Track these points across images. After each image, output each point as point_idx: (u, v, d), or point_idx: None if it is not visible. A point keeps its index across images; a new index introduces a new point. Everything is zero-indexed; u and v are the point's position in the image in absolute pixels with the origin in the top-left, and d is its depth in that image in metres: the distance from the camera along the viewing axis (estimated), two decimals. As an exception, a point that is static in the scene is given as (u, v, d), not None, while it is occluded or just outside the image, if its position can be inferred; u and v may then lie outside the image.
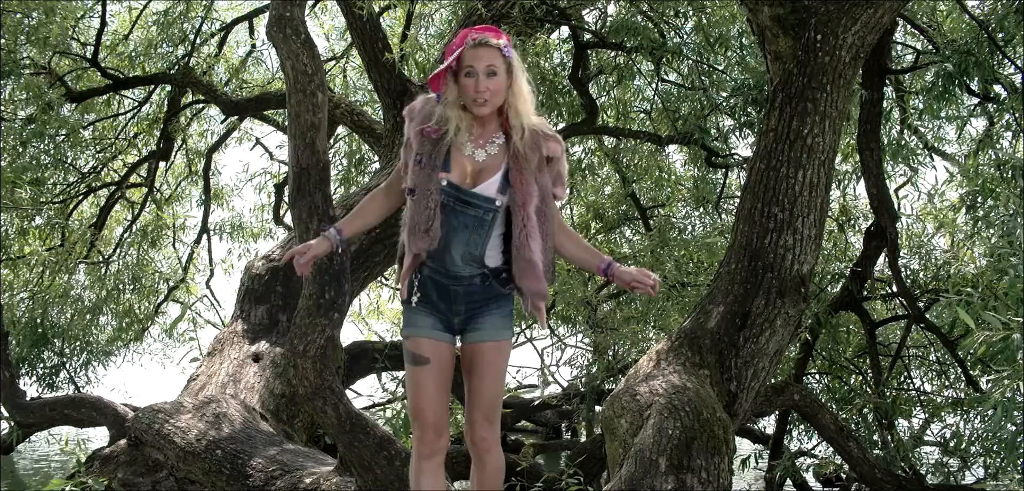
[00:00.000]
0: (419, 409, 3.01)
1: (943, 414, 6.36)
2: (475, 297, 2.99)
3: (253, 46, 10.36)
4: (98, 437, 8.45)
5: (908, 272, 6.49)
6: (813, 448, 7.04)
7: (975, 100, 6.49)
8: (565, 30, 7.28)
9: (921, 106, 6.86)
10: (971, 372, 6.04)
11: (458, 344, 3.09)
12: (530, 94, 2.98)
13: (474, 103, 2.90)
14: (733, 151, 7.63)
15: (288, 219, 9.81)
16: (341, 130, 9.66)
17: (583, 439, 8.90)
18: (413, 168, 2.96)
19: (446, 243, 2.94)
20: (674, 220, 8.29)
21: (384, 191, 3.19)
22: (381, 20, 7.30)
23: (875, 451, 5.84)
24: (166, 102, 9.88)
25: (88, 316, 9.92)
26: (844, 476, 6.94)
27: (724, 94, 7.10)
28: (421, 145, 2.96)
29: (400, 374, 8.64)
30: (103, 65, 8.92)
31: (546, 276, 3.00)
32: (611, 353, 7.71)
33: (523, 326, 8.33)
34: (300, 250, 3.03)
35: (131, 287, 10.37)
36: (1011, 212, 5.17)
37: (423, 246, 2.93)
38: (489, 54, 2.88)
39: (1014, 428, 3.91)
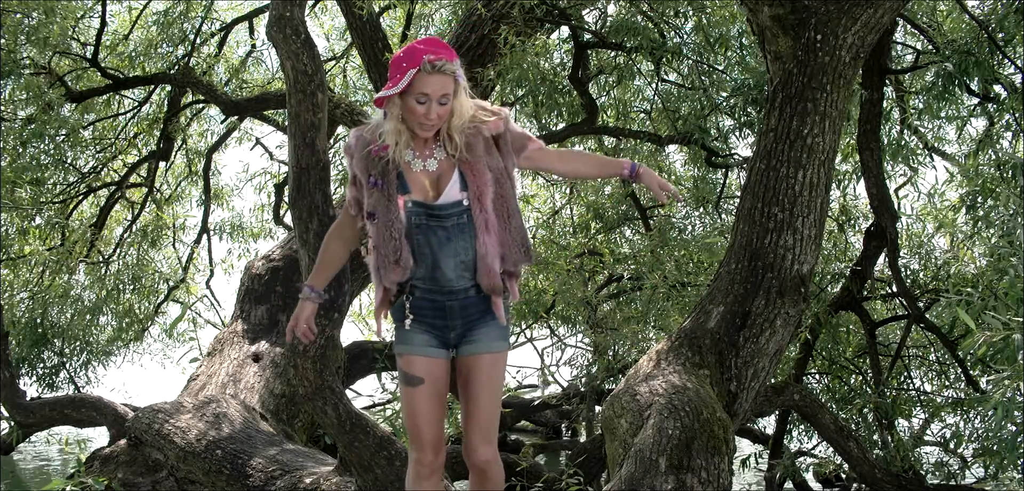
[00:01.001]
0: (416, 430, 2.94)
1: (943, 414, 6.35)
2: (471, 311, 2.92)
3: (253, 46, 10.36)
4: (98, 437, 8.45)
5: (908, 272, 6.48)
6: (813, 448, 7.04)
7: (975, 100, 6.49)
8: (565, 30, 7.28)
9: (921, 106, 6.85)
10: (971, 372, 6.04)
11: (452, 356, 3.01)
12: (468, 103, 2.88)
13: (420, 127, 2.83)
14: (733, 151, 7.63)
15: (288, 219, 9.80)
16: (341, 130, 9.64)
17: (583, 439, 8.91)
18: (370, 191, 2.88)
19: (435, 261, 2.86)
20: (674, 220, 8.29)
21: (338, 233, 3.11)
22: (381, 20, 7.30)
23: (875, 451, 5.84)
24: (166, 102, 9.88)
25: (88, 316, 9.91)
26: (844, 476, 6.94)
27: (724, 94, 7.09)
28: (372, 166, 2.88)
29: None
30: (103, 65, 8.92)
31: (517, 254, 2.90)
32: (611, 353, 7.70)
33: (523, 326, 8.33)
34: (293, 324, 3.07)
35: (131, 287, 10.36)
36: (1011, 212, 5.17)
37: (396, 278, 2.87)
38: (443, 82, 2.78)
39: (1014, 428, 3.91)
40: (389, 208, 2.85)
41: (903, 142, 6.80)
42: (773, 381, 5.59)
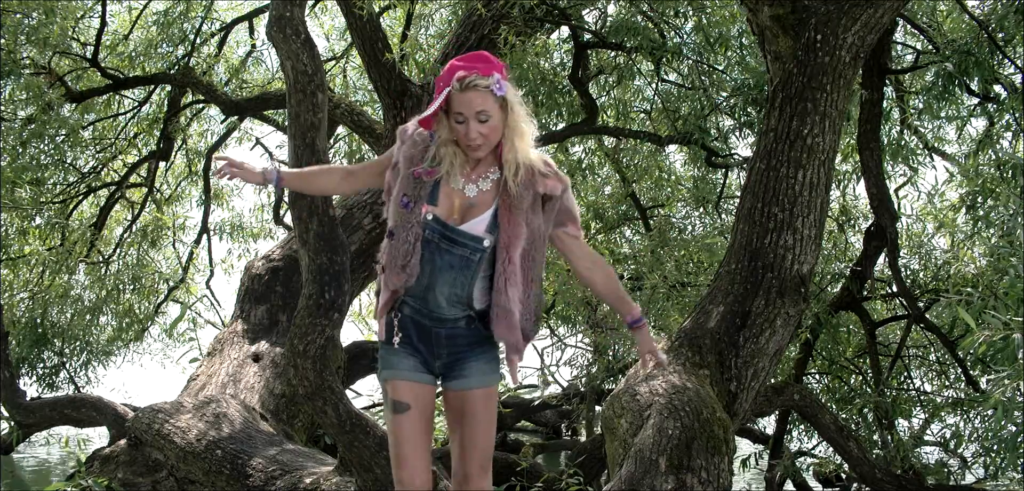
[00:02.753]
0: (403, 457, 2.78)
1: (943, 414, 6.35)
2: (459, 341, 2.79)
3: (253, 46, 10.36)
4: (98, 437, 8.45)
5: (908, 272, 6.49)
6: (813, 448, 7.04)
7: (975, 100, 6.50)
8: (565, 30, 7.28)
9: (921, 106, 6.85)
10: (971, 372, 6.04)
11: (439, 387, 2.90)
12: (529, 129, 2.74)
13: (469, 148, 2.69)
14: (733, 151, 7.64)
15: (288, 219, 9.80)
16: (341, 130, 9.65)
17: (583, 439, 8.90)
18: (397, 209, 2.74)
19: (430, 282, 2.73)
20: (674, 220, 8.30)
21: (342, 173, 3.02)
22: (381, 20, 7.29)
23: (875, 451, 5.84)
24: (166, 102, 9.88)
25: (88, 316, 9.92)
26: (844, 476, 6.94)
27: (724, 94, 7.09)
28: (408, 186, 2.74)
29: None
30: (103, 65, 8.92)
31: (526, 325, 2.78)
32: (611, 353, 7.71)
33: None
34: (232, 161, 2.90)
35: (131, 287, 10.37)
36: (1011, 212, 5.18)
37: (399, 283, 2.73)
38: (479, 98, 2.62)
39: (1014, 428, 3.91)
40: (414, 210, 2.71)
41: (903, 142, 6.80)
42: (773, 381, 5.59)
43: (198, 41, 9.49)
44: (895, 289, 6.26)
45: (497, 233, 2.72)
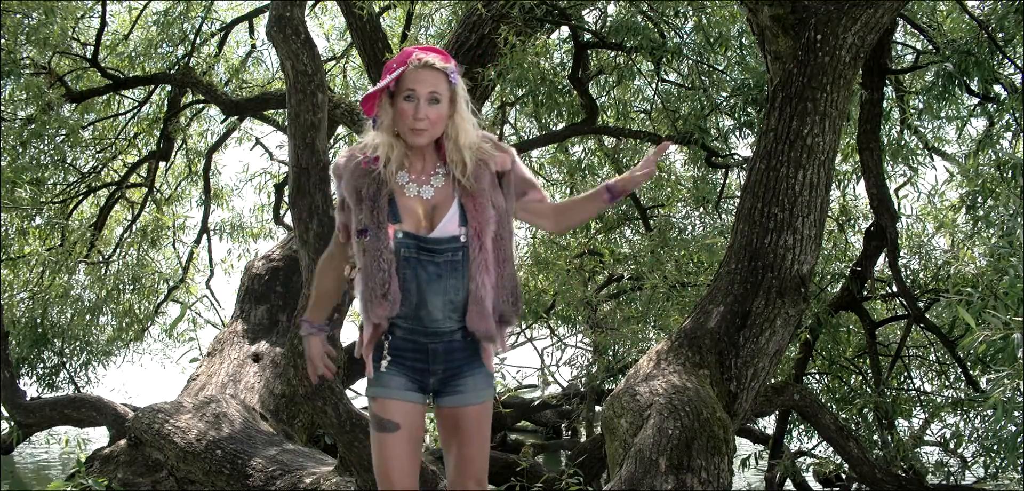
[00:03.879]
0: (388, 482, 2.66)
1: (943, 414, 6.35)
2: (456, 356, 2.68)
3: (253, 46, 10.37)
4: (98, 437, 8.45)
5: (908, 272, 6.48)
6: (813, 448, 7.04)
7: (975, 100, 6.50)
8: (565, 30, 7.28)
9: (921, 106, 6.86)
10: (971, 372, 6.04)
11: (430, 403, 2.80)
12: (472, 121, 2.70)
13: (410, 131, 2.61)
14: (733, 151, 7.63)
15: (288, 219, 9.81)
16: (341, 130, 9.65)
17: (583, 439, 8.90)
18: (361, 207, 2.64)
19: (421, 298, 2.61)
20: (674, 220, 8.30)
21: (329, 265, 2.91)
22: (381, 20, 7.30)
23: (875, 451, 5.84)
24: (166, 102, 9.89)
25: (88, 316, 9.93)
26: (844, 476, 6.94)
27: (724, 94, 7.09)
28: (362, 181, 2.65)
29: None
30: (103, 65, 8.93)
31: (504, 307, 2.68)
32: (611, 353, 7.71)
33: (523, 326, 8.32)
34: (311, 368, 2.95)
35: (131, 287, 10.37)
36: (1011, 212, 5.18)
37: (383, 314, 2.61)
38: (433, 78, 2.60)
39: (1014, 428, 3.91)
40: (379, 235, 2.60)
41: (903, 142, 6.80)
42: (773, 381, 5.59)
43: (198, 41, 9.50)
44: (895, 289, 6.26)
45: (468, 224, 2.65)
